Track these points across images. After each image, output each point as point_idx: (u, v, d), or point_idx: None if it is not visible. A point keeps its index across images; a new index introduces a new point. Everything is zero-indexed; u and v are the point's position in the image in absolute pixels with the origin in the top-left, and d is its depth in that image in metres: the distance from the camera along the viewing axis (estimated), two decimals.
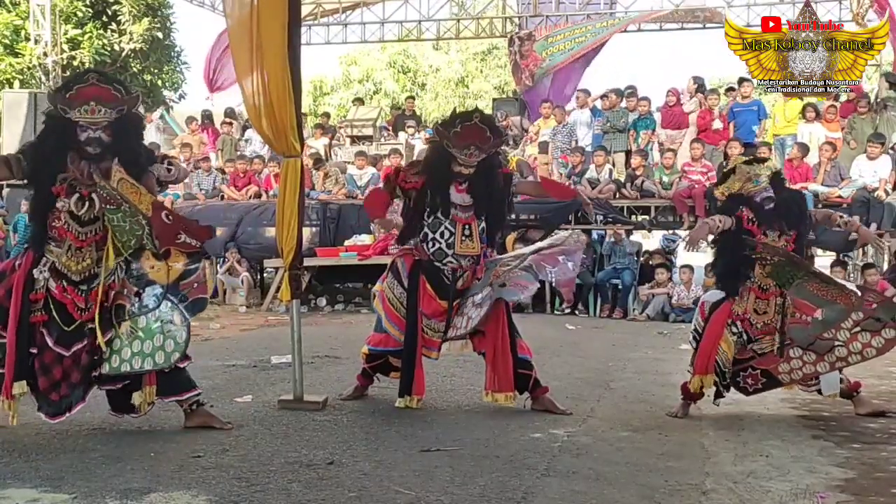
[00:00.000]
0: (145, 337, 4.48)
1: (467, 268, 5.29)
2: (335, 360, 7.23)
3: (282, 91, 5.08)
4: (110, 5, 18.25)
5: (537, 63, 16.58)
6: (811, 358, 5.04)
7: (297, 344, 5.34)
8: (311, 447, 4.31)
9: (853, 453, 4.39)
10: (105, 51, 17.84)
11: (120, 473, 3.79)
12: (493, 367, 5.25)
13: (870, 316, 4.95)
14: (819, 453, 4.40)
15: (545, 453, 4.28)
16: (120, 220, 4.42)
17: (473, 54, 30.42)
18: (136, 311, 4.50)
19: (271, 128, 5.23)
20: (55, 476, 3.74)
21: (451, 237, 5.23)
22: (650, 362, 7.53)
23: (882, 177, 11.85)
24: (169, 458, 4.06)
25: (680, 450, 4.47)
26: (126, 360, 4.48)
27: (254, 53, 5.09)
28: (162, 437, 4.51)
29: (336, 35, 19.27)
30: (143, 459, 4.03)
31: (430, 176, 5.28)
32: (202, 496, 3.48)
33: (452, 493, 3.58)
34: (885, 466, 4.17)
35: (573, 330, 10.11)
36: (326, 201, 13.46)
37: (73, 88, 4.41)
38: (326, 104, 28.40)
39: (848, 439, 4.68)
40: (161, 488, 3.58)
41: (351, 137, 16.89)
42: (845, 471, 4.08)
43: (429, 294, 5.25)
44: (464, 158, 5.16)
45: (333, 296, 13.09)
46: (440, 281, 5.26)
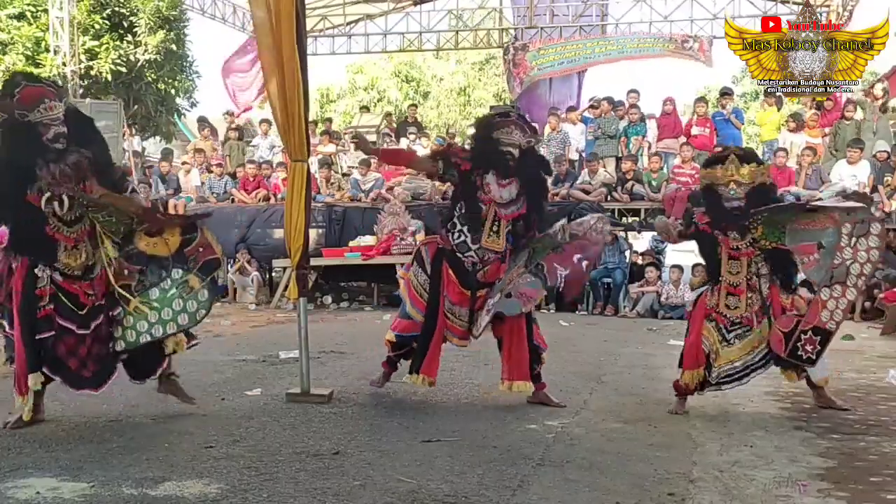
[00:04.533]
0: (161, 306, 4.61)
1: (488, 262, 5.29)
2: (341, 356, 7.33)
3: (293, 97, 5.21)
4: (127, 18, 18.46)
5: (526, 71, 16.83)
6: (838, 291, 4.94)
7: (304, 340, 5.43)
8: (317, 438, 4.40)
9: (833, 443, 4.48)
10: (121, 61, 18.07)
11: (136, 463, 3.87)
12: (508, 355, 5.30)
13: (855, 221, 4.92)
14: (801, 443, 4.48)
15: (540, 444, 4.37)
16: (105, 217, 4.58)
17: (472, 64, 30.61)
18: (147, 285, 4.63)
19: (283, 132, 5.39)
20: (74, 466, 3.83)
21: (479, 231, 5.23)
22: (640, 357, 7.62)
23: (861, 181, 12.05)
24: (183, 449, 4.15)
25: (668, 440, 4.55)
26: (143, 331, 4.61)
27: (274, 57, 5.23)
28: (176, 429, 4.58)
29: (341, 46, 19.49)
30: (158, 450, 4.12)
31: (477, 155, 5.29)
32: (214, 484, 3.56)
33: (452, 482, 3.65)
34: (863, 456, 4.25)
35: (567, 326, 10.23)
36: (332, 204, 13.66)
37: (17, 94, 4.41)
38: (332, 111, 28.60)
39: (828, 430, 4.77)
40: (175, 477, 3.66)
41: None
42: (826, 460, 4.15)
43: (452, 281, 5.27)
44: (505, 137, 5.18)
45: (339, 294, 13.27)
46: (462, 269, 5.28)
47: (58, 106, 4.49)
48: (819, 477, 3.89)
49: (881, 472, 3.98)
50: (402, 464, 3.94)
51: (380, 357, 5.72)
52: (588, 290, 12.50)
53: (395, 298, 12.86)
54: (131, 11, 18.52)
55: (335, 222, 13.54)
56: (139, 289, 4.65)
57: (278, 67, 5.18)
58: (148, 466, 3.84)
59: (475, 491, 3.55)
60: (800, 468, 4.02)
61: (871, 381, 6.52)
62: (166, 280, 4.65)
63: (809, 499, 3.57)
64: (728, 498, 3.57)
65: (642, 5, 17.26)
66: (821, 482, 3.80)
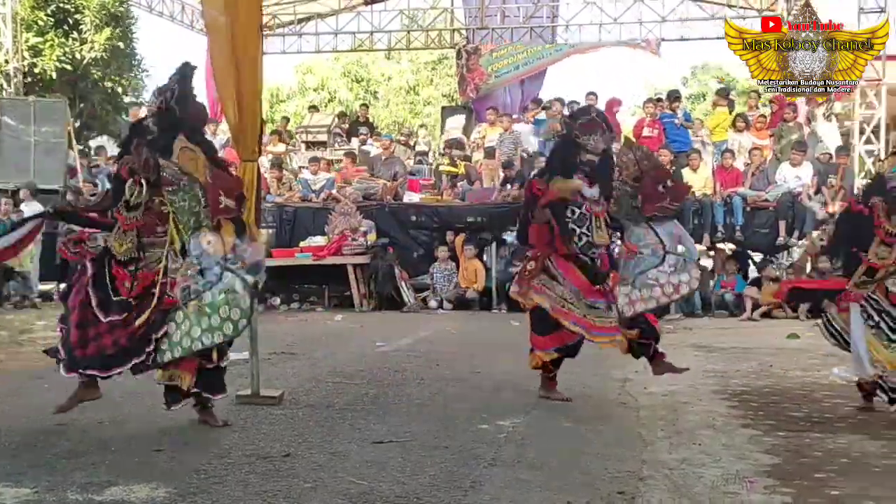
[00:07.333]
0: (211, 312, 4.36)
1: (596, 256, 5.42)
2: (291, 357, 7.28)
3: (250, 96, 5.19)
4: (72, 14, 18.15)
5: (483, 77, 17.01)
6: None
7: (254, 341, 5.39)
8: (268, 440, 4.36)
9: (779, 440, 4.55)
10: (66, 58, 17.76)
11: (82, 467, 3.79)
12: None
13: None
14: (748, 441, 4.54)
15: (492, 444, 4.37)
16: (180, 200, 4.49)
17: (424, 64, 30.71)
18: (201, 287, 4.40)
19: (236, 131, 5.35)
20: (17, 471, 3.73)
21: (590, 229, 5.38)
22: (591, 357, 7.49)
23: (805, 182, 12.32)
24: (130, 452, 4.08)
25: (619, 439, 4.58)
26: (196, 338, 4.40)
27: (228, 56, 5.20)
28: (123, 432, 4.51)
29: (291, 45, 19.36)
30: (104, 454, 4.04)
31: (556, 166, 5.46)
32: (162, 489, 3.49)
33: (403, 483, 3.63)
34: (808, 452, 4.33)
35: (518, 326, 10.26)
36: (282, 204, 13.59)
37: None
38: (282, 111, 28.46)
39: (774, 427, 4.85)
40: (122, 481, 3.58)
41: (306, 143, 16.99)
42: (772, 457, 4.21)
43: (578, 274, 5.36)
44: (592, 145, 5.35)
45: (289, 295, 13.17)
46: (585, 266, 5.39)
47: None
48: (766, 473, 3.93)
49: (826, 467, 4.05)
50: (354, 465, 3.92)
51: (331, 358, 5.70)
52: None
53: (345, 299, 12.85)
54: (76, 8, 18.22)
55: (286, 222, 13.49)
56: (195, 292, 4.43)
57: (233, 66, 5.13)
58: (94, 471, 3.77)
59: (427, 492, 3.54)
60: (747, 465, 4.07)
61: (815, 378, 6.65)
62: (219, 283, 4.39)
63: (756, 495, 3.61)
64: (677, 495, 3.59)
65: (592, 7, 17.40)
66: (767, 479, 3.84)
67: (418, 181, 14.71)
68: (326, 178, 13.97)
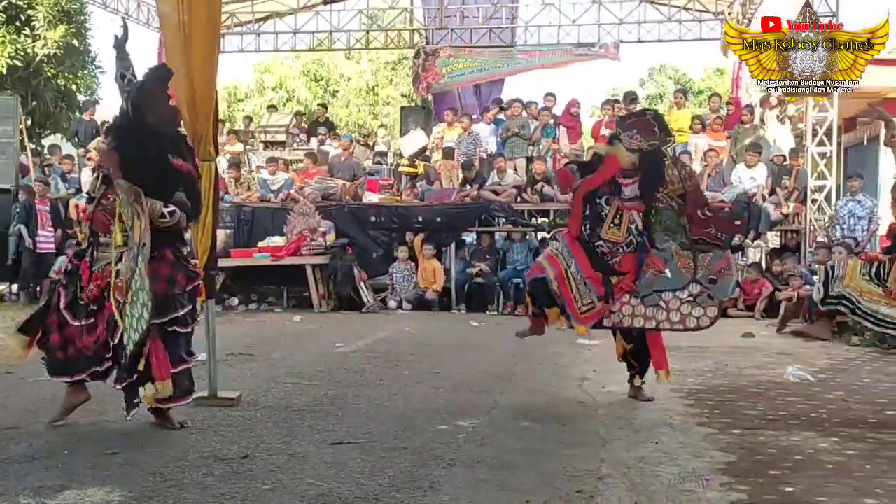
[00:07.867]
0: (136, 300, 4.36)
1: (608, 253, 5.40)
2: (249, 358, 7.21)
3: (205, 95, 5.15)
4: (24, 10, 17.82)
5: (436, 77, 17.05)
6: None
7: (212, 342, 5.36)
8: (225, 442, 4.33)
9: (735, 438, 4.60)
10: (18, 55, 17.44)
11: (34, 472, 3.74)
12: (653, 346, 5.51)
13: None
14: (704, 439, 4.58)
15: (451, 444, 4.37)
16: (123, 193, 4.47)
17: (384, 63, 30.67)
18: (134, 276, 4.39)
19: (192, 130, 5.27)
20: None
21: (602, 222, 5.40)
22: (549, 356, 7.63)
23: (759, 183, 12.50)
24: (83, 455, 4.03)
25: (577, 438, 4.61)
26: (138, 318, 4.37)
27: (184, 54, 5.15)
28: (76, 435, 4.45)
29: (249, 44, 19.21)
30: (57, 457, 3.99)
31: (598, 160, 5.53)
32: (117, 492, 3.45)
33: (363, 485, 3.62)
34: (763, 450, 4.38)
35: (478, 327, 10.30)
36: (240, 204, 13.48)
37: None
38: (240, 111, 28.26)
39: (730, 426, 4.91)
40: (75, 485, 3.54)
41: (264, 143, 16.88)
42: (728, 455, 4.25)
43: (585, 259, 5.37)
44: (626, 140, 5.39)
45: (247, 295, 13.07)
46: (594, 253, 5.41)
47: None
48: (721, 471, 3.97)
49: (780, 465, 4.10)
50: (312, 466, 3.90)
51: (289, 359, 5.66)
52: (498, 290, 12.65)
53: (304, 300, 12.78)
54: (29, 4, 17.89)
55: (244, 223, 13.39)
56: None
57: (187, 66, 5.07)
58: (46, 475, 3.72)
59: (386, 493, 3.53)
60: (703, 463, 4.11)
61: (770, 377, 6.74)
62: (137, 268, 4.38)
63: (712, 493, 3.65)
64: (635, 494, 3.62)
65: (551, 9, 17.48)
66: (723, 476, 3.88)
67: (377, 181, 14.68)
68: (285, 179, 13.88)
